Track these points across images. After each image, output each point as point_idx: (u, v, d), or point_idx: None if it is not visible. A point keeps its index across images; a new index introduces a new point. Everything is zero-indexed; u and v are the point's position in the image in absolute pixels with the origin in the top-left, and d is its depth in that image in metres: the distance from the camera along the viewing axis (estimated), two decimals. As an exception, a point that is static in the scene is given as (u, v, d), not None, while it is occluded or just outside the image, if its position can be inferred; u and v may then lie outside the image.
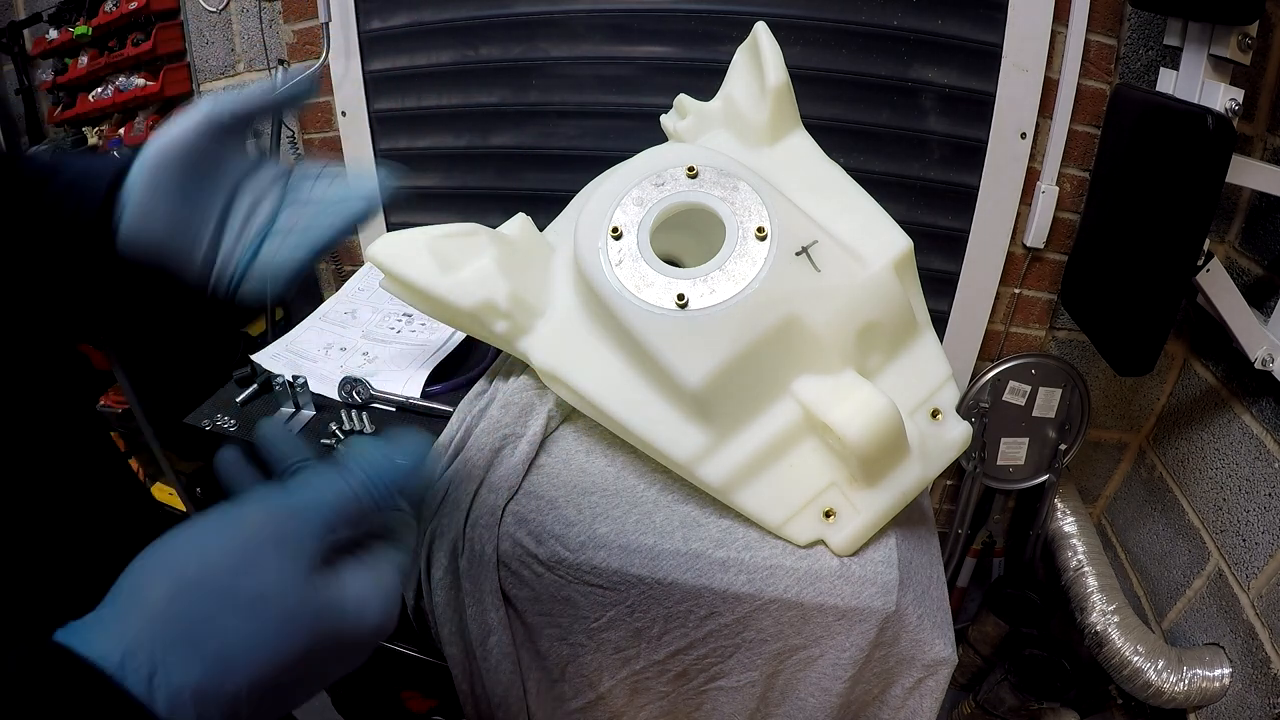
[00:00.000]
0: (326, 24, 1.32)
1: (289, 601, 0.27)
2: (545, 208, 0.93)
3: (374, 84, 1.41)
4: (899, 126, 1.21)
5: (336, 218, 0.44)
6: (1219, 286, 0.95)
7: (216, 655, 0.25)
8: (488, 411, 0.81)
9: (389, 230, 0.81)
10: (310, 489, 0.30)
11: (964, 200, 1.23)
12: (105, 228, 0.39)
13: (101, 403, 1.60)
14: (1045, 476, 1.36)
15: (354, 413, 0.82)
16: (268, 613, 0.26)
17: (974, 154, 1.20)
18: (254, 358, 0.93)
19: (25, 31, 1.75)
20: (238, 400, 0.88)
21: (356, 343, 0.96)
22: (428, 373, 0.89)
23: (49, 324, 0.42)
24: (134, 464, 1.89)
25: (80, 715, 0.22)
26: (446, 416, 0.82)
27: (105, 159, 0.42)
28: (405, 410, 0.85)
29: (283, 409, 0.85)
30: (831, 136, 1.00)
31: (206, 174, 0.41)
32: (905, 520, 0.70)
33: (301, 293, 1.68)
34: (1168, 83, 0.99)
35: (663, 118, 0.92)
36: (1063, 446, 1.33)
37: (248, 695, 0.25)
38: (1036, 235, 1.22)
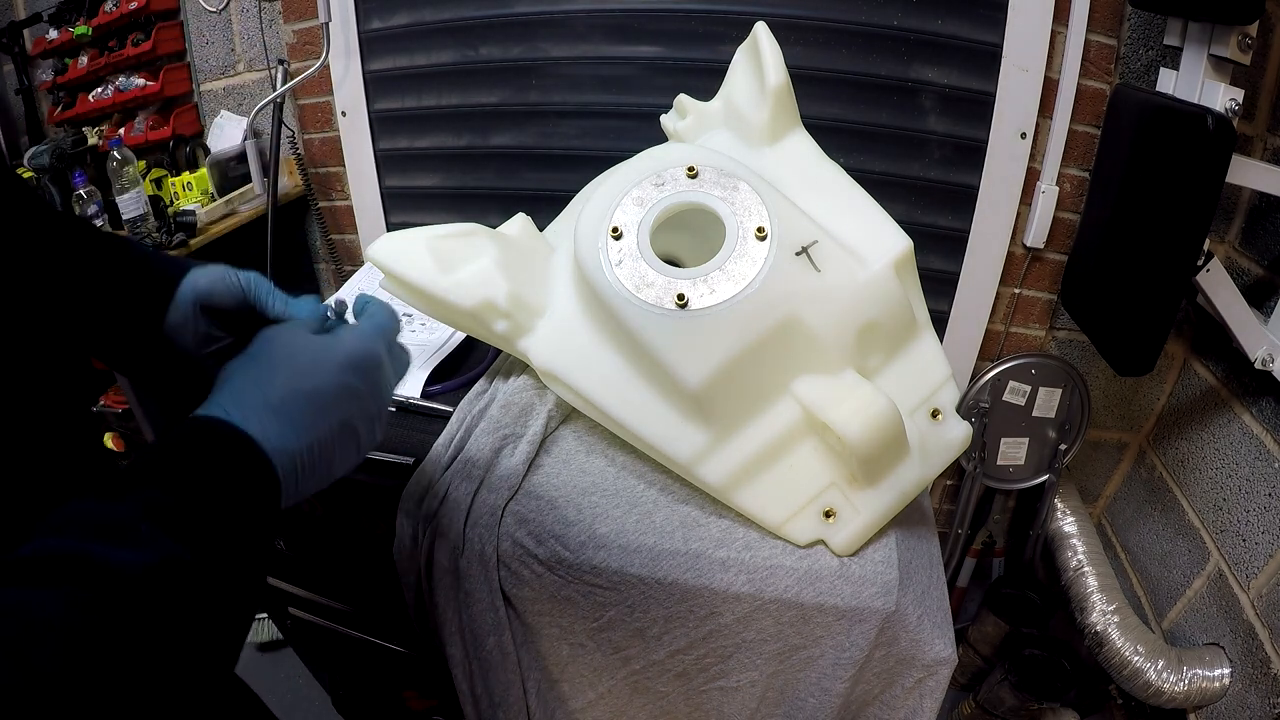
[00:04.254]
0: (326, 24, 1.32)
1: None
2: (545, 208, 0.93)
3: (374, 84, 1.41)
4: (899, 126, 1.21)
5: None
6: (1219, 286, 0.95)
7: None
8: (488, 411, 0.81)
9: (389, 230, 0.81)
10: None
11: (964, 200, 1.23)
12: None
13: (101, 402, 1.60)
14: (1045, 476, 1.36)
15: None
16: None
17: (974, 154, 1.20)
18: (254, 358, 0.93)
19: (25, 31, 1.75)
20: (238, 400, 0.88)
21: (356, 343, 0.96)
22: (428, 373, 0.89)
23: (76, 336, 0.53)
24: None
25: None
26: (446, 416, 0.82)
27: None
28: (405, 410, 0.86)
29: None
30: (831, 136, 1.00)
31: None
32: (905, 520, 0.70)
33: (301, 293, 1.68)
34: (1168, 83, 0.99)
35: (663, 118, 0.92)
36: (1063, 446, 1.33)
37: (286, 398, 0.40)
38: (1036, 235, 1.22)
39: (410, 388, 0.87)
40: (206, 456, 0.35)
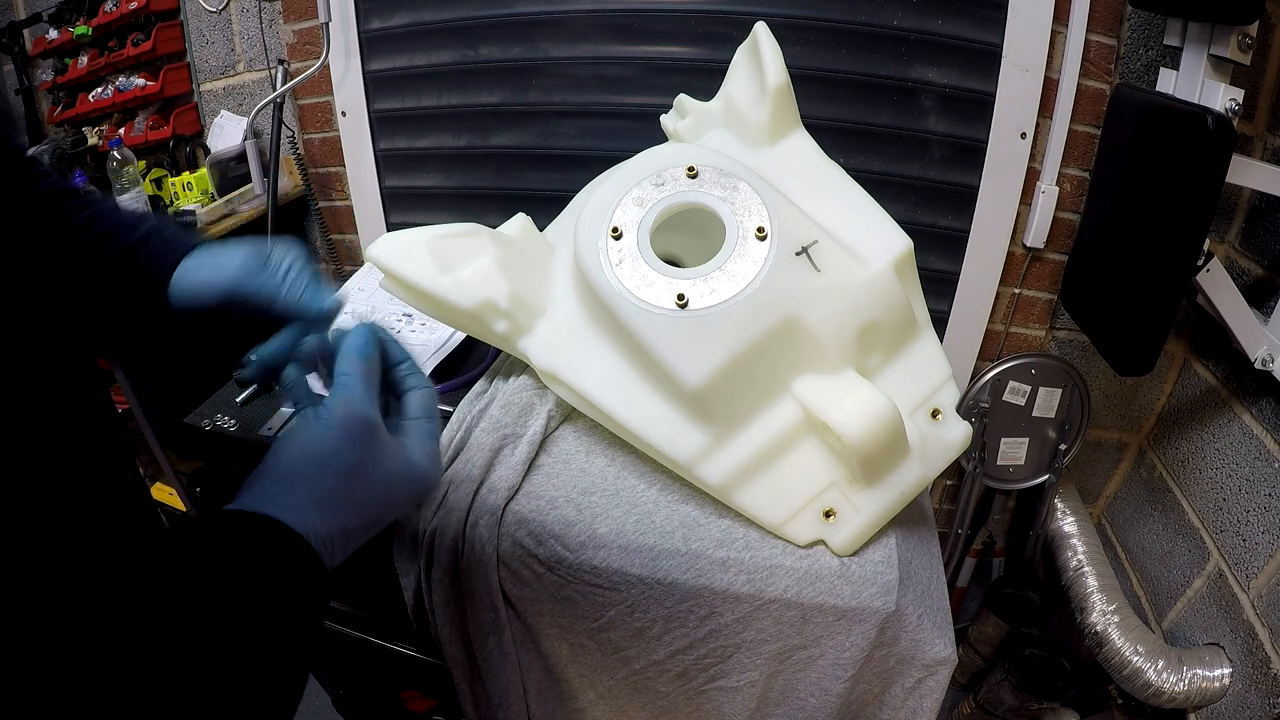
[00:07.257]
0: (326, 24, 1.32)
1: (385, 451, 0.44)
2: (545, 208, 0.93)
3: (374, 84, 1.41)
4: (899, 126, 1.21)
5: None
6: (1219, 286, 0.95)
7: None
8: (488, 411, 0.81)
9: (389, 230, 0.81)
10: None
11: (964, 200, 1.24)
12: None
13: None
14: (1045, 476, 1.36)
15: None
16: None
17: (974, 154, 1.20)
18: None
19: (25, 31, 1.75)
20: (238, 400, 0.88)
21: (356, 343, 0.96)
22: (428, 373, 0.89)
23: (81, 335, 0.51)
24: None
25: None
26: (446, 417, 0.82)
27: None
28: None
29: (284, 408, 0.85)
30: (831, 136, 1.00)
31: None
32: (905, 520, 0.70)
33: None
34: (1168, 83, 0.99)
35: (663, 118, 0.92)
36: (1063, 446, 1.33)
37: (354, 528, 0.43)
38: (1036, 235, 1.22)
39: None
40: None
